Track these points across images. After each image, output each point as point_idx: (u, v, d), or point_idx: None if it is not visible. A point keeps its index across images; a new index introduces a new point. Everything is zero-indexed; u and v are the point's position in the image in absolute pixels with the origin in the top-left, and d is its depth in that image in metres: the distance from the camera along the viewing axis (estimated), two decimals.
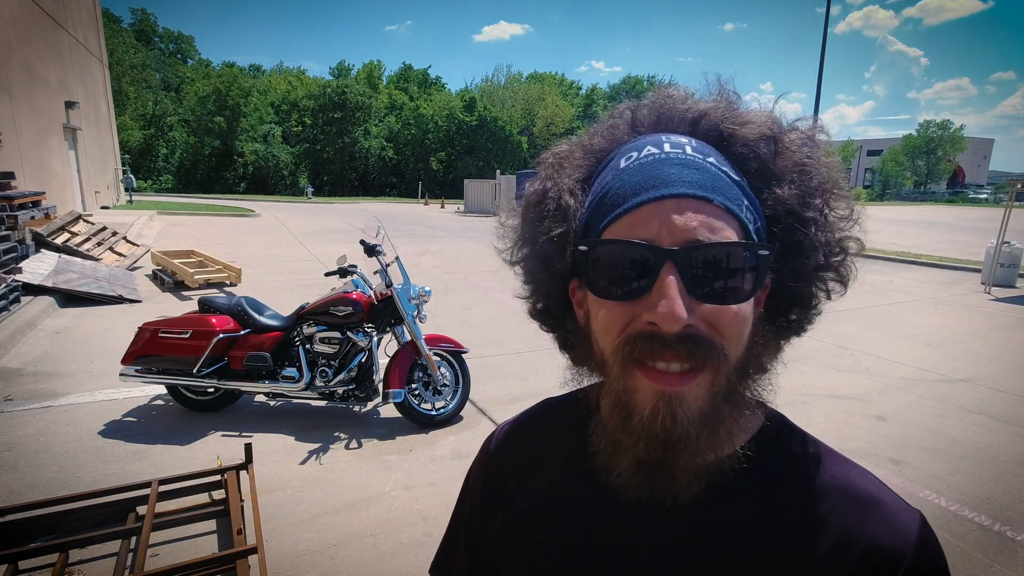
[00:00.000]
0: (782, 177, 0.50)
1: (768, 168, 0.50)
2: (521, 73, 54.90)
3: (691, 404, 0.46)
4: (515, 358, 5.20)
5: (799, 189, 0.50)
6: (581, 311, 0.55)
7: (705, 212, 0.46)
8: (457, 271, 9.73)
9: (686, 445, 0.46)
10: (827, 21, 15.38)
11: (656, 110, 0.54)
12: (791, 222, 0.50)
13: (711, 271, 0.45)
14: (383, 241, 3.95)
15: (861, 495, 0.50)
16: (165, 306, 6.68)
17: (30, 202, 7.75)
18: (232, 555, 2.02)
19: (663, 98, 0.55)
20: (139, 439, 3.44)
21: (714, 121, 0.52)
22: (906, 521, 0.49)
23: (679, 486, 0.48)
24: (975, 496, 3.09)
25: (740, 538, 0.50)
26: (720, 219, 0.46)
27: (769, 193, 0.50)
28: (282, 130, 41.36)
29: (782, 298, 0.52)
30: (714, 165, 0.48)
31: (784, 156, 0.51)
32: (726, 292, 0.45)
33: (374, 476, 3.14)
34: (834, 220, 0.52)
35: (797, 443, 0.54)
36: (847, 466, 0.53)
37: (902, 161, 55.38)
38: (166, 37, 53.32)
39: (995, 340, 6.30)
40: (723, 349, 0.45)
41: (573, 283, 0.56)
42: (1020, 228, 13.17)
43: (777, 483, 0.52)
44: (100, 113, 19.79)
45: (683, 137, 0.51)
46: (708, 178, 0.47)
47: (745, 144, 0.51)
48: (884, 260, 12.26)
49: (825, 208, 0.51)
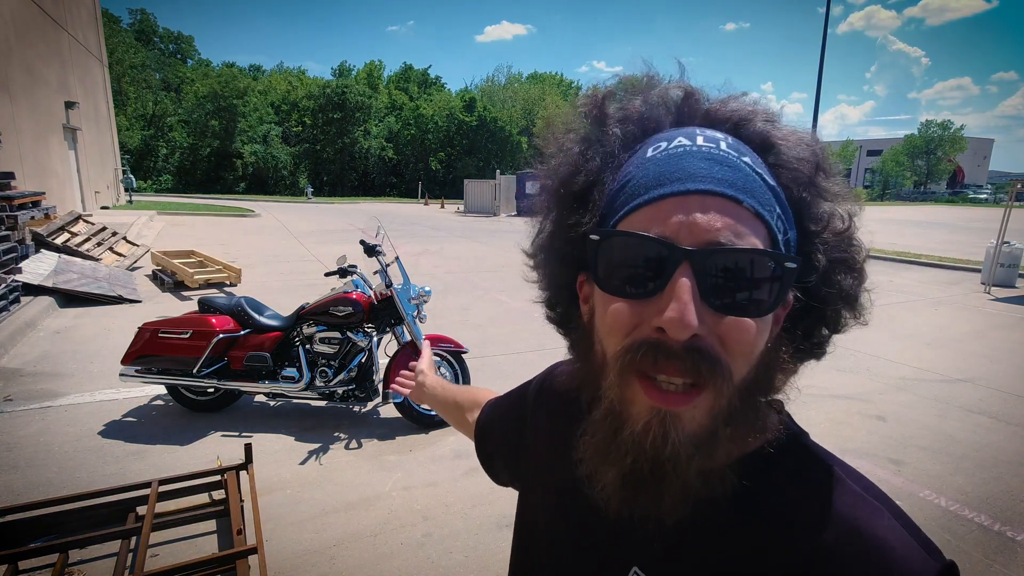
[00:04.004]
0: (824, 196, 0.48)
1: (814, 183, 0.47)
2: (521, 73, 54.94)
3: (685, 426, 0.43)
4: (515, 358, 5.19)
5: (837, 217, 0.48)
6: (586, 307, 0.52)
7: (732, 214, 0.42)
8: (457, 271, 9.73)
9: (675, 467, 0.43)
10: (827, 21, 15.38)
11: (698, 104, 0.50)
12: (833, 238, 0.47)
13: (730, 279, 0.41)
14: (383, 241, 3.95)
15: (861, 538, 0.44)
16: (165, 306, 6.68)
17: (30, 202, 7.74)
18: (232, 555, 2.01)
19: (703, 96, 0.50)
20: (139, 439, 3.44)
21: (760, 128, 0.48)
22: (916, 572, 0.43)
23: (664, 508, 0.45)
24: (975, 496, 3.09)
25: (717, 561, 0.48)
26: (748, 224, 0.42)
27: (812, 208, 0.47)
28: (282, 130, 41.32)
29: (810, 318, 0.49)
30: (749, 165, 0.44)
31: (828, 178, 0.48)
32: (744, 304, 0.42)
33: (374, 476, 3.14)
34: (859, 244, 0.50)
35: (800, 466, 0.50)
36: (858, 503, 0.47)
37: (902, 161, 55.39)
38: (166, 37, 53.23)
39: (995, 340, 6.30)
40: (728, 367, 0.42)
41: (582, 276, 0.53)
42: (1020, 228, 13.18)
43: (770, 516, 0.47)
44: (100, 113, 19.79)
45: (719, 132, 0.47)
46: (741, 178, 0.43)
47: (789, 157, 0.47)
48: (884, 260, 12.26)
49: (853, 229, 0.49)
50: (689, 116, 0.50)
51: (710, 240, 0.41)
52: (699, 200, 0.42)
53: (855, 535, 0.45)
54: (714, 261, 0.41)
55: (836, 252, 0.47)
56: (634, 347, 0.43)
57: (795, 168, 0.47)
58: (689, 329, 0.40)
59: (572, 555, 0.56)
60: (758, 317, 0.43)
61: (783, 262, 0.42)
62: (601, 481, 0.48)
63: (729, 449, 0.45)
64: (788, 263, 0.42)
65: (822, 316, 0.49)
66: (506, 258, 11.31)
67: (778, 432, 0.50)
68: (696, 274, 0.41)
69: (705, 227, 0.41)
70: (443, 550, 2.55)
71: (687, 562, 0.49)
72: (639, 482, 0.45)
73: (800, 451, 0.51)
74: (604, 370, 0.47)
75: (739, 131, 0.48)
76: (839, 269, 0.48)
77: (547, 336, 0.78)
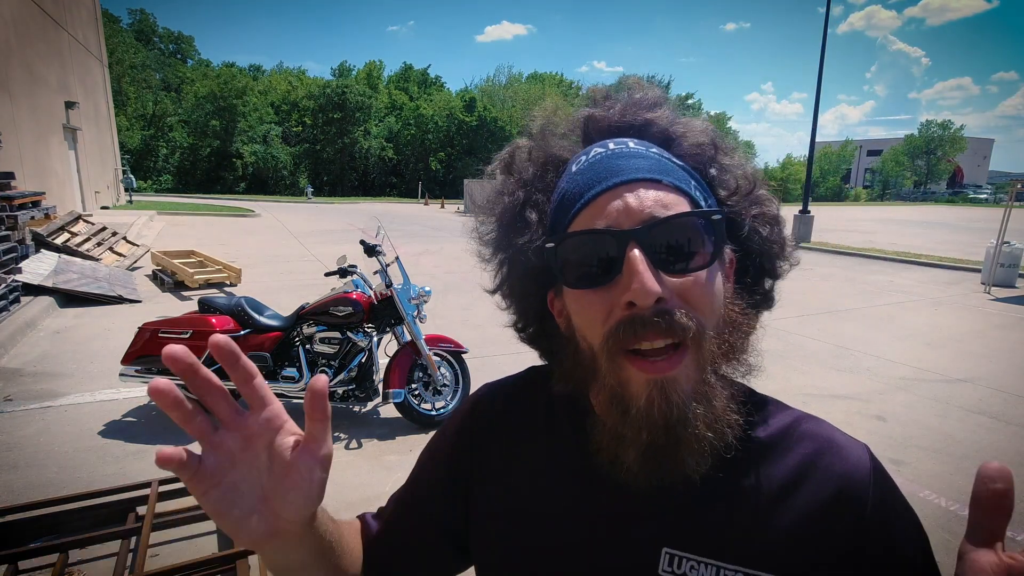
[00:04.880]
0: (727, 168, 0.56)
1: (715, 159, 0.56)
2: (521, 73, 54.91)
3: (683, 385, 0.47)
4: (515, 358, 5.18)
5: (742, 180, 0.56)
6: (562, 319, 0.57)
7: (656, 192, 0.49)
8: (457, 271, 9.73)
9: (685, 425, 0.47)
10: (827, 21, 15.35)
11: (599, 122, 0.57)
12: (744, 199, 0.55)
13: (673, 243, 0.48)
14: (383, 241, 3.95)
15: (821, 438, 0.55)
16: (165, 306, 6.68)
17: (30, 202, 7.74)
18: (232, 555, 2.01)
19: (601, 115, 0.58)
20: (139, 439, 3.44)
21: (660, 128, 0.56)
22: (859, 455, 0.54)
23: (688, 467, 0.49)
24: None
25: (730, 498, 0.53)
26: (672, 198, 0.49)
27: (720, 178, 0.55)
28: (282, 130, 41.32)
29: (753, 270, 0.57)
30: (657, 154, 0.52)
31: (727, 154, 0.56)
32: (691, 260, 0.48)
33: (374, 476, 3.14)
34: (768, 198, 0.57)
35: (763, 406, 0.58)
36: (804, 417, 0.58)
37: (902, 161, 55.41)
38: (166, 37, 53.25)
39: (995, 340, 6.30)
40: (699, 319, 0.47)
41: (550, 295, 0.58)
42: (1020, 228, 13.18)
43: (761, 445, 0.55)
44: (100, 113, 19.80)
45: (624, 137, 0.55)
46: (654, 164, 0.51)
47: (691, 143, 0.55)
48: (884, 260, 12.27)
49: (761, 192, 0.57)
50: (597, 133, 0.57)
51: (646, 218, 0.48)
52: (626, 188, 0.49)
53: (815, 438, 0.55)
54: (654, 233, 0.47)
55: (753, 208, 0.55)
56: (615, 329, 0.47)
57: (697, 152, 0.55)
58: (653, 294, 0.45)
59: (598, 544, 0.56)
60: (707, 268, 0.49)
61: (709, 216, 0.49)
62: (624, 462, 0.51)
63: (723, 397, 0.50)
64: (714, 216, 0.49)
65: (760, 266, 0.57)
66: None
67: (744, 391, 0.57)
68: (644, 248, 0.46)
69: (638, 208, 0.48)
70: None
71: (707, 516, 0.53)
72: (659, 452, 0.49)
73: (752, 393, 0.58)
74: (596, 362, 0.51)
75: (642, 134, 0.56)
76: (759, 221, 0.55)
77: None
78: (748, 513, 0.53)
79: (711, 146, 0.55)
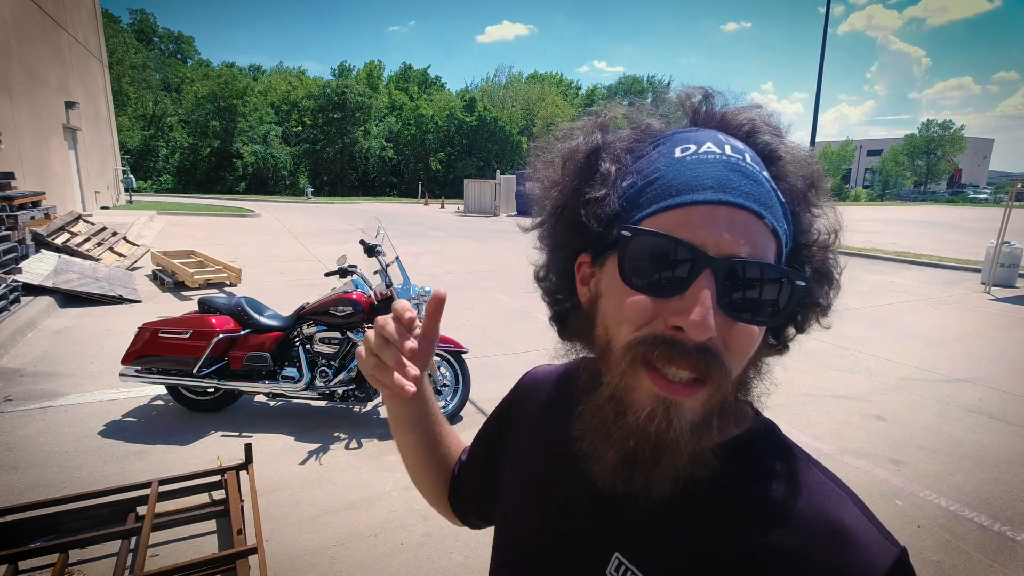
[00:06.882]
0: (813, 213, 0.51)
1: (807, 198, 0.51)
2: (522, 73, 54.92)
3: (686, 415, 0.46)
4: (515, 358, 5.19)
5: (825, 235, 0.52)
6: (585, 288, 0.54)
7: (755, 228, 0.45)
8: (457, 271, 9.73)
9: (673, 451, 0.46)
10: (827, 21, 15.38)
11: (714, 108, 0.53)
12: (817, 254, 0.51)
13: (746, 290, 0.45)
14: (383, 241, 3.95)
15: (829, 522, 0.47)
16: (165, 306, 6.68)
17: (30, 202, 7.74)
18: (232, 555, 2.01)
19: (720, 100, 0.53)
20: (139, 439, 3.44)
21: (768, 140, 0.51)
22: (875, 559, 0.45)
23: (655, 485, 0.48)
24: (975, 496, 3.09)
25: (697, 539, 0.50)
26: (765, 239, 0.46)
27: (802, 222, 0.51)
28: (282, 130, 41.31)
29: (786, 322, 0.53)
30: (768, 180, 0.48)
31: (819, 195, 0.52)
32: (755, 312, 0.45)
33: (374, 476, 3.14)
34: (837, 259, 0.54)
35: (773, 454, 0.53)
36: (825, 490, 0.50)
37: (902, 161, 55.41)
38: (166, 37, 53.26)
39: (995, 340, 6.30)
40: (729, 367, 0.45)
41: (582, 257, 0.54)
42: (1020, 228, 13.18)
43: (740, 493, 0.50)
44: (100, 113, 19.79)
45: (741, 143, 0.50)
46: (763, 193, 0.46)
47: (790, 171, 0.50)
48: (884, 260, 12.26)
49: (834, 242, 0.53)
50: (706, 118, 0.53)
51: (733, 252, 0.44)
52: (727, 212, 0.45)
53: (822, 517, 0.48)
54: (735, 271, 0.44)
55: (820, 265, 0.51)
56: (648, 340, 0.45)
57: (793, 183, 0.50)
58: (708, 332, 0.43)
59: (556, 540, 0.58)
60: (763, 326, 0.47)
61: (794, 280, 0.46)
62: (600, 459, 0.50)
63: (714, 437, 0.48)
64: (798, 281, 0.46)
65: (795, 319, 0.53)
66: (506, 258, 11.32)
67: (752, 422, 0.54)
68: (717, 281, 0.44)
69: (731, 239, 0.44)
70: (443, 550, 2.55)
71: (666, 545, 0.52)
72: (637, 463, 0.48)
73: (772, 440, 0.54)
74: (607, 355, 0.49)
75: (749, 140, 0.51)
76: (821, 281, 0.52)
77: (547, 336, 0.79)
78: (703, 564, 0.49)
79: (808, 181, 0.51)
